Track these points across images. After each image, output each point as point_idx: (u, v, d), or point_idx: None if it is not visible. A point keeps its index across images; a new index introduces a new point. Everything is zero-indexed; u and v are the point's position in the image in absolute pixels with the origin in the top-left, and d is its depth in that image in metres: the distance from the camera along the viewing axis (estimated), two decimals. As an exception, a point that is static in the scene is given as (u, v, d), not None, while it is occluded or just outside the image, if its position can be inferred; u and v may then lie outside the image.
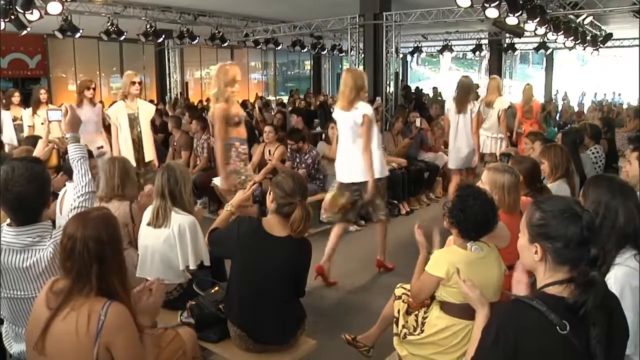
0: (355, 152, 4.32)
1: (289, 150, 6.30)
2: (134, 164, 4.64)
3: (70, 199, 3.26)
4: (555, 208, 1.56)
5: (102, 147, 5.65)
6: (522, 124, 7.60)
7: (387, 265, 4.75)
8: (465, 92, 5.79)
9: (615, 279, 1.95)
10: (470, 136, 5.76)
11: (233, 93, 4.35)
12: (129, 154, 5.12)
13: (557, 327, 1.45)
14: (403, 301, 2.65)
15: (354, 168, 4.36)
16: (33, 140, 4.51)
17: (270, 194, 2.66)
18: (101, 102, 8.03)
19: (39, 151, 3.63)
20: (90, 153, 2.90)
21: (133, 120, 5.31)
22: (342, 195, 4.45)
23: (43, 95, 6.57)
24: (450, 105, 5.93)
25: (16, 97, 6.83)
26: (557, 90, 20.80)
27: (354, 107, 4.27)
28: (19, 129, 6.62)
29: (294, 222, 2.52)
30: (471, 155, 5.84)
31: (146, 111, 5.50)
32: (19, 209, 2.12)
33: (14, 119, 6.57)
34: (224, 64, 4.51)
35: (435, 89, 17.34)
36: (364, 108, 4.27)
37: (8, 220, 2.18)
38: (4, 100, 6.81)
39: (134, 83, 5.28)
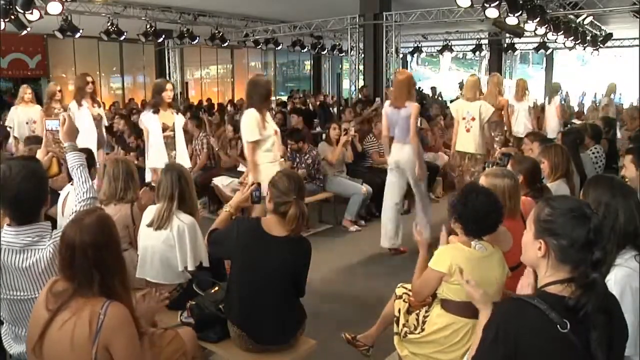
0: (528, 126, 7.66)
1: (289, 150, 6.29)
2: None
3: (72, 202, 3.26)
4: (564, 206, 1.56)
5: None
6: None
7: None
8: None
9: (616, 280, 1.94)
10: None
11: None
12: None
13: (558, 326, 1.45)
14: (404, 300, 2.65)
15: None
16: (35, 140, 4.47)
17: (267, 193, 2.66)
18: (102, 103, 7.83)
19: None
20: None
21: None
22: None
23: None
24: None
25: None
26: (561, 90, 20.71)
27: (525, 99, 7.78)
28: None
29: (289, 220, 2.53)
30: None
31: None
32: (18, 206, 2.13)
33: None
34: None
35: (434, 88, 17.30)
36: (530, 100, 7.98)
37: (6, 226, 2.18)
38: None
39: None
